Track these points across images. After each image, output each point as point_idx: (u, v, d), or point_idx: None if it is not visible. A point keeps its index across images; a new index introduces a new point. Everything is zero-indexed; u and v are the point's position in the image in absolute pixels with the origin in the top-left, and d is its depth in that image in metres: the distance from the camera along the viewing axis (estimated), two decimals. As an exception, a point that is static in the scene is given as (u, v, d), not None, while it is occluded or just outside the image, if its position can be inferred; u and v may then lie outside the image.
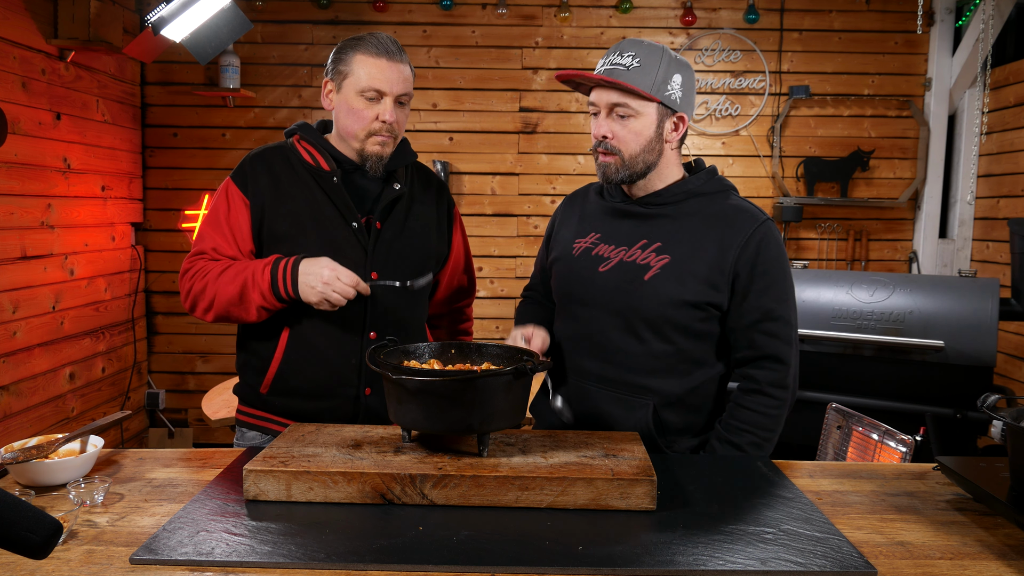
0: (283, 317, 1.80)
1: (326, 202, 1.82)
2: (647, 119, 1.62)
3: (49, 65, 3.51)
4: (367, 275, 1.81)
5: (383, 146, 1.81)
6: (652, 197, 1.69)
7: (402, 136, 1.88)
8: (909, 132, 4.50)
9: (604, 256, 1.69)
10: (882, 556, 1.15)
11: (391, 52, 1.79)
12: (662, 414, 1.65)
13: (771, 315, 1.62)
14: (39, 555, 0.83)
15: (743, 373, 1.67)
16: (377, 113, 1.78)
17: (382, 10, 4.39)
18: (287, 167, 1.85)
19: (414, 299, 1.91)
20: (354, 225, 1.81)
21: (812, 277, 3.37)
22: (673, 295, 1.61)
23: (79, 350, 3.80)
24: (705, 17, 4.46)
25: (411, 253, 1.89)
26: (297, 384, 1.82)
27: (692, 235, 1.64)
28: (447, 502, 1.28)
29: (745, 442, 1.63)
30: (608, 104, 1.62)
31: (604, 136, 1.64)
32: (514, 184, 4.55)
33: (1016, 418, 1.29)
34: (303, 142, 1.87)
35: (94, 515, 1.26)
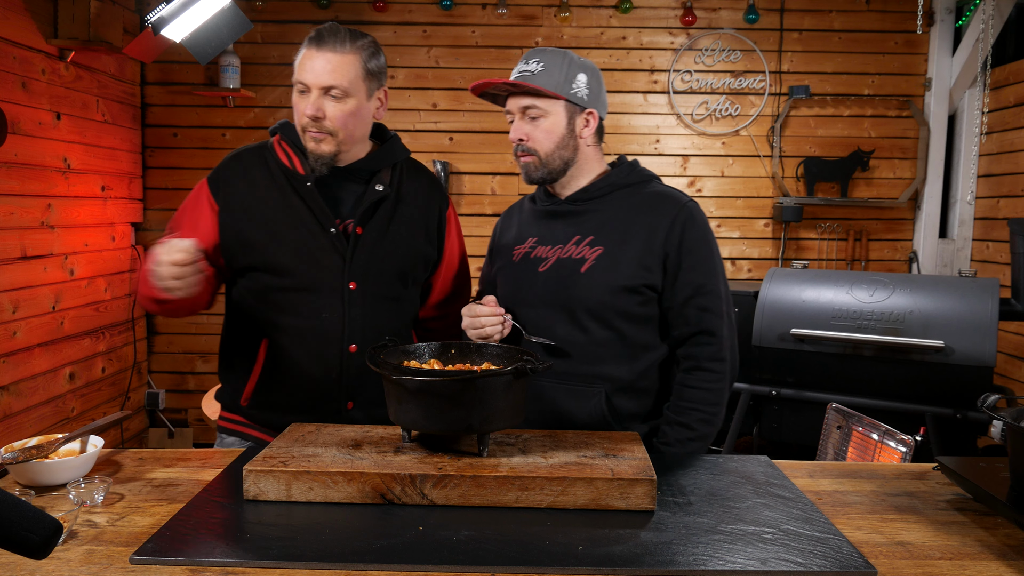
0: (262, 327, 1.75)
1: (302, 207, 1.73)
2: (556, 117, 1.72)
3: (49, 65, 3.51)
4: (345, 284, 1.73)
5: (317, 143, 1.71)
6: (579, 194, 1.78)
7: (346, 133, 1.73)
8: (909, 132, 4.50)
9: (542, 257, 1.77)
10: (882, 556, 1.15)
11: (321, 41, 1.68)
12: (614, 400, 1.72)
13: (702, 290, 1.70)
14: (39, 555, 0.83)
15: (683, 352, 1.74)
16: (304, 107, 1.69)
17: (382, 10, 4.39)
18: (264, 170, 1.78)
19: (396, 308, 1.84)
20: (332, 231, 1.73)
21: (812, 277, 3.36)
22: (609, 282, 1.69)
23: (79, 350, 3.80)
24: (705, 17, 4.46)
25: (394, 260, 1.80)
26: (277, 399, 1.76)
27: (621, 224, 1.73)
28: (447, 502, 1.28)
29: (694, 420, 1.68)
30: (520, 108, 1.73)
31: (520, 139, 1.74)
32: (514, 184, 4.55)
33: (1016, 418, 1.29)
34: (283, 143, 1.79)
35: (94, 515, 1.26)
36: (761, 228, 4.57)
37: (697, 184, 4.54)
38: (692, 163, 4.54)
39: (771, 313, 3.31)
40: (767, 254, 4.59)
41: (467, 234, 4.92)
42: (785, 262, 4.54)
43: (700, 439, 1.68)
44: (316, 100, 1.68)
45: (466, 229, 4.90)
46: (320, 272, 1.71)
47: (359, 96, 1.72)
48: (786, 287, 3.34)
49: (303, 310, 1.74)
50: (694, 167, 4.54)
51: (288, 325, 1.74)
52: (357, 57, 1.70)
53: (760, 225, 4.57)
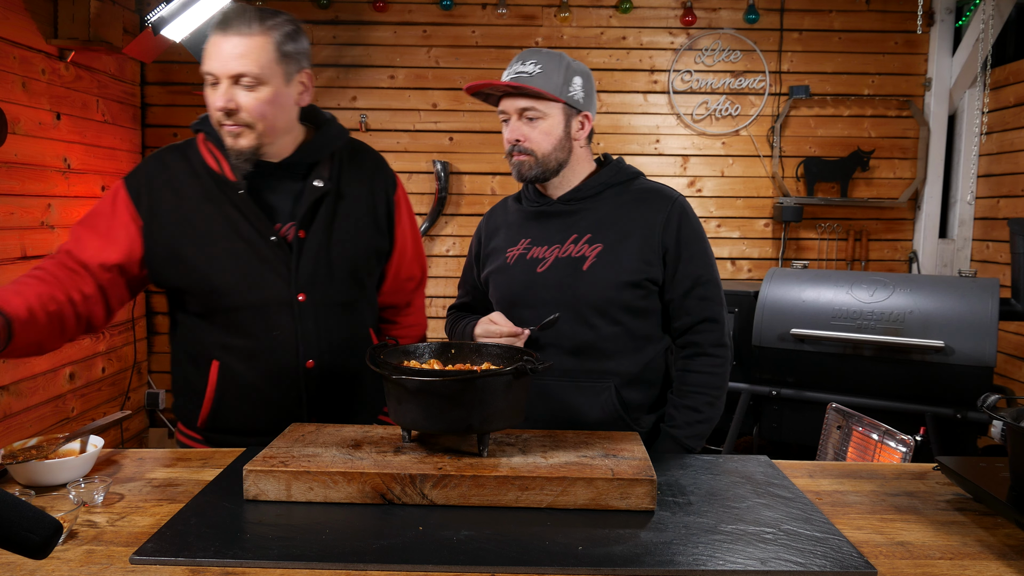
0: (209, 349, 1.64)
1: (237, 216, 1.58)
2: (554, 120, 1.73)
3: (49, 65, 3.51)
4: (293, 297, 1.61)
5: (235, 138, 1.55)
6: (572, 193, 1.79)
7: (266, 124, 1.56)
8: (909, 132, 4.50)
9: (540, 257, 1.77)
10: (882, 556, 1.15)
11: (227, 25, 1.51)
12: (623, 393, 1.75)
13: (700, 280, 1.76)
14: (39, 555, 0.83)
15: (684, 341, 1.79)
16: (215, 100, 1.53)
17: (382, 10, 4.39)
18: (190, 176, 1.61)
19: (352, 313, 1.73)
20: (272, 239, 1.59)
21: (812, 277, 3.36)
22: (613, 278, 1.71)
23: (79, 350, 3.80)
24: (705, 17, 4.46)
25: (343, 262, 1.67)
26: (234, 422, 1.67)
27: (616, 221, 1.75)
28: (447, 502, 1.28)
29: (701, 403, 1.74)
30: (517, 109, 1.72)
31: (517, 140, 1.73)
32: (514, 184, 4.55)
33: (1016, 418, 1.29)
34: (208, 143, 1.62)
35: (94, 515, 1.26)
36: (761, 228, 4.57)
37: (697, 184, 4.54)
38: (692, 163, 4.54)
39: (771, 313, 3.31)
40: (767, 254, 4.59)
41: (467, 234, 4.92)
42: (785, 262, 4.54)
43: (707, 421, 1.75)
44: (227, 90, 1.51)
45: (466, 229, 4.92)
46: (265, 287, 1.59)
47: (275, 82, 1.55)
48: (786, 287, 3.34)
49: (252, 329, 1.62)
50: (694, 167, 4.54)
51: (237, 346, 1.62)
52: (268, 39, 1.53)
53: (760, 225, 4.57)
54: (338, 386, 1.73)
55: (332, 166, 1.69)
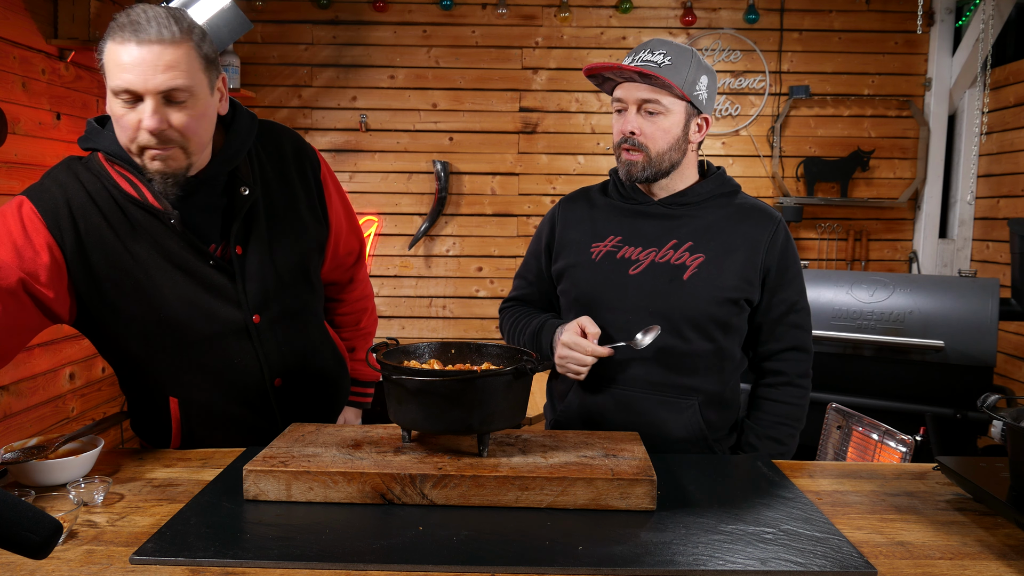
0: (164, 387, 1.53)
1: (172, 245, 1.43)
2: (676, 117, 1.63)
3: (49, 65, 3.51)
4: (248, 319, 1.50)
5: (164, 161, 1.35)
6: (676, 197, 1.70)
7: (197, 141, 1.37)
8: (909, 132, 4.50)
9: (632, 259, 1.67)
10: (882, 556, 1.15)
11: (140, 30, 1.27)
12: (705, 413, 1.67)
13: (796, 307, 1.70)
14: (39, 555, 0.83)
15: (770, 367, 1.72)
16: (139, 119, 1.30)
17: (382, 10, 4.39)
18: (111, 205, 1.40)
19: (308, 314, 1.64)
20: (211, 263, 1.46)
21: (812, 277, 3.36)
22: (715, 292, 1.63)
23: (79, 350, 3.80)
24: (705, 17, 4.46)
25: (290, 265, 1.56)
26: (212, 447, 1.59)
27: (720, 233, 1.67)
28: (447, 502, 1.28)
29: (784, 435, 1.69)
30: (638, 100, 1.61)
31: (632, 132, 1.62)
32: (514, 184, 4.55)
33: (1016, 418, 1.29)
34: (115, 165, 1.40)
35: (94, 515, 1.26)
36: (761, 228, 4.57)
37: (697, 184, 4.54)
38: (692, 163, 4.54)
39: (771, 313, 3.31)
40: (767, 254, 4.58)
41: (467, 234, 4.90)
42: (785, 262, 4.54)
43: (788, 454, 1.71)
44: (157, 109, 1.30)
45: (466, 229, 4.91)
46: (217, 315, 1.47)
47: (203, 93, 1.35)
48: (786, 287, 3.34)
49: (210, 361, 1.51)
50: (694, 167, 4.54)
51: (196, 381, 1.52)
52: (191, 44, 1.32)
53: (760, 225, 4.57)
54: (311, 390, 1.70)
55: (252, 165, 1.52)
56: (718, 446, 1.70)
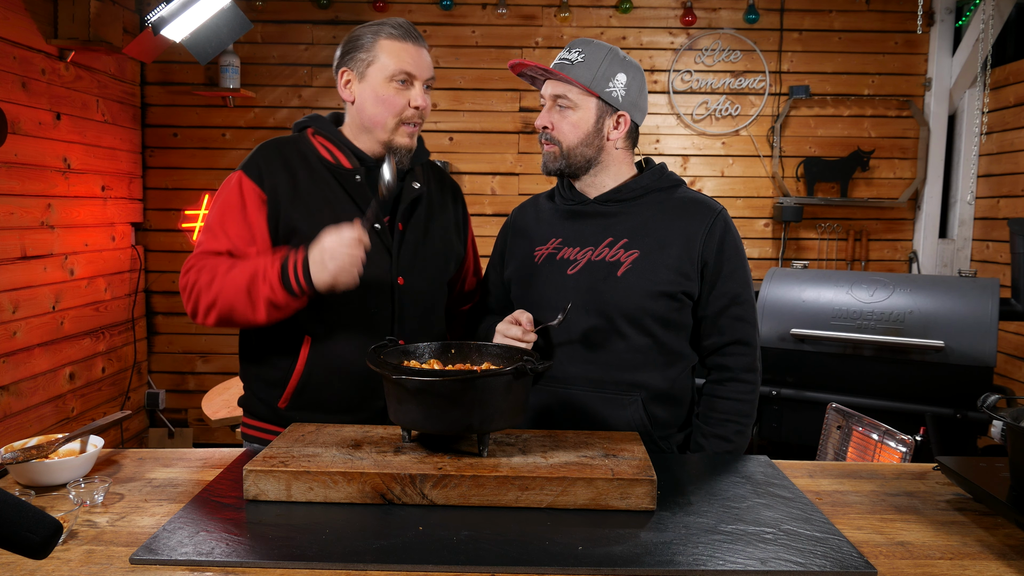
0: (303, 324, 1.68)
1: (347, 201, 1.70)
2: (585, 113, 1.68)
3: (49, 65, 3.51)
4: (393, 279, 1.71)
5: (412, 137, 1.73)
6: (610, 195, 1.73)
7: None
8: (909, 132, 4.50)
9: (570, 259, 1.71)
10: (882, 556, 1.15)
11: (416, 36, 1.73)
12: (650, 409, 1.68)
13: (737, 299, 1.69)
14: (39, 555, 0.83)
15: (713, 363, 1.72)
16: (409, 99, 1.69)
17: (382, 10, 4.39)
18: (304, 163, 1.72)
19: (436, 306, 1.83)
20: (377, 227, 1.70)
21: (812, 277, 3.37)
22: (648, 287, 1.64)
23: (79, 350, 3.80)
24: (705, 17, 4.46)
25: (435, 256, 1.80)
26: (323, 398, 1.69)
27: (655, 229, 1.68)
28: (447, 502, 1.28)
29: (731, 432, 1.68)
30: (551, 95, 1.69)
31: (544, 126, 1.70)
32: (514, 184, 4.55)
33: (1016, 418, 1.29)
34: (319, 136, 1.76)
35: (94, 515, 1.26)
36: (761, 228, 4.57)
37: (697, 184, 4.54)
38: (692, 163, 4.54)
39: (771, 313, 3.31)
40: (767, 254, 4.59)
41: (467, 234, 4.85)
42: (785, 262, 4.54)
43: (737, 451, 1.68)
44: (423, 92, 1.71)
45: (466, 229, 4.86)
46: (369, 266, 1.62)
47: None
48: (786, 287, 3.34)
49: (352, 305, 1.68)
50: (694, 167, 4.54)
51: (336, 321, 1.68)
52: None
53: (760, 225, 4.57)
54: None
55: (424, 175, 1.82)
56: (665, 443, 1.70)
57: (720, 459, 1.60)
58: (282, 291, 1.54)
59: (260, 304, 1.56)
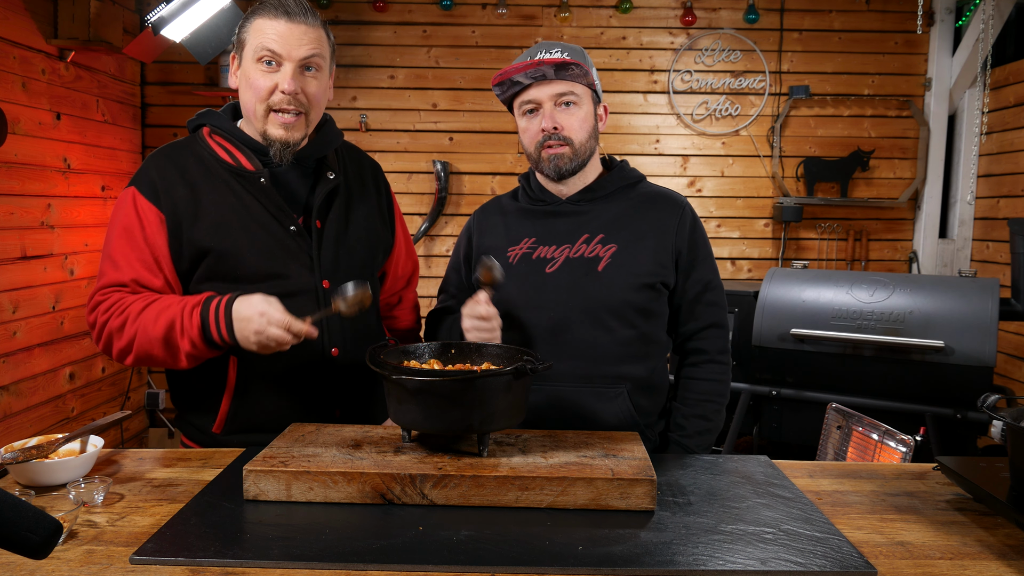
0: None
1: (255, 206, 1.58)
2: (587, 107, 1.70)
3: (49, 65, 3.51)
4: (318, 283, 1.62)
5: (288, 129, 1.55)
6: (583, 194, 1.75)
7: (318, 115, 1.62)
8: (909, 132, 4.50)
9: (547, 257, 1.72)
10: (882, 556, 1.15)
11: (291, 12, 1.53)
12: (635, 399, 1.70)
13: (710, 286, 1.75)
14: (39, 555, 0.83)
15: (690, 347, 1.77)
16: (276, 82, 1.52)
17: (382, 10, 4.39)
18: (202, 170, 1.59)
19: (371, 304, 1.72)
20: (292, 229, 1.59)
21: (812, 277, 3.36)
22: (630, 280, 1.67)
23: (79, 350, 3.80)
24: (705, 17, 4.46)
25: (360, 250, 1.70)
26: (256, 420, 1.61)
27: (628, 223, 1.72)
28: (447, 502, 1.28)
29: (710, 411, 1.73)
30: (552, 95, 1.67)
31: (555, 128, 1.67)
32: (514, 184, 4.54)
33: (1016, 418, 1.29)
34: (215, 136, 1.62)
35: (94, 515, 1.26)
36: (761, 228, 4.57)
37: (697, 184, 4.54)
38: (692, 163, 4.54)
39: (771, 313, 3.31)
40: (767, 254, 4.59)
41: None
42: (785, 262, 4.54)
43: (715, 430, 1.74)
44: (295, 74, 1.52)
45: (466, 229, 4.85)
46: (290, 275, 1.58)
47: (326, 72, 1.61)
48: (786, 287, 3.34)
49: None
50: (694, 167, 4.54)
51: None
52: (323, 31, 1.60)
53: (760, 225, 4.57)
54: (361, 375, 1.71)
55: (339, 162, 1.72)
56: (650, 431, 1.73)
57: (720, 459, 1.60)
58: (204, 346, 1.47)
59: (180, 356, 1.49)
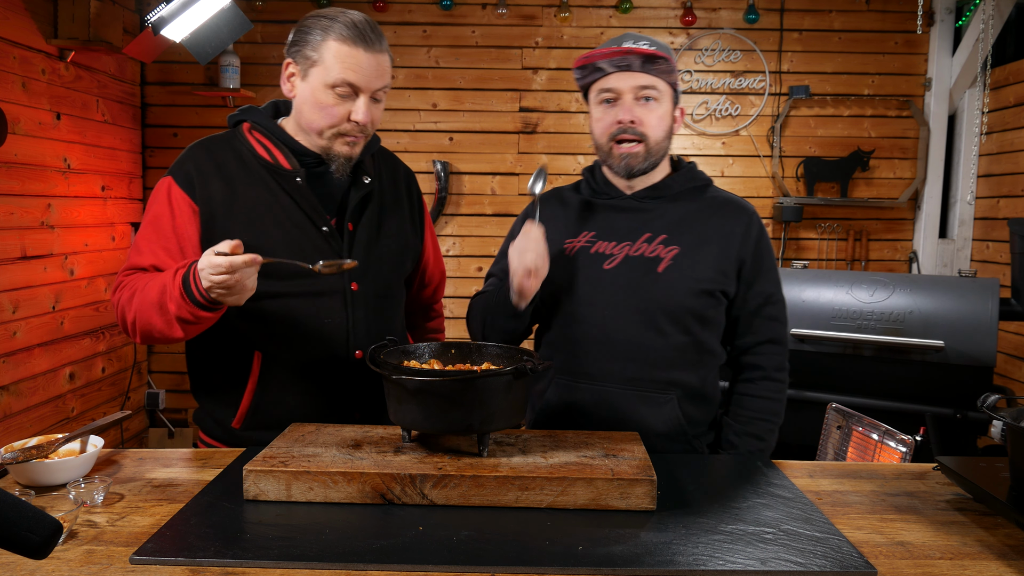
0: (252, 339, 1.60)
1: (290, 205, 1.59)
2: (667, 105, 1.65)
3: (49, 65, 3.51)
4: (346, 285, 1.63)
5: (352, 147, 1.59)
6: (648, 191, 1.69)
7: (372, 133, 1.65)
8: (909, 132, 4.50)
9: (607, 253, 1.66)
10: (882, 556, 1.15)
11: (369, 40, 1.53)
12: (684, 408, 1.65)
13: (771, 299, 1.68)
14: (39, 555, 0.83)
15: (745, 361, 1.71)
16: (349, 111, 1.55)
17: (382, 10, 4.39)
18: (239, 164, 1.60)
19: (394, 307, 1.75)
20: (324, 229, 1.61)
21: (812, 277, 3.37)
22: (690, 284, 1.62)
23: (79, 350, 3.80)
24: (705, 17, 4.46)
25: (390, 256, 1.71)
26: (279, 416, 1.59)
27: (694, 226, 1.66)
28: (447, 502, 1.28)
29: (763, 430, 1.66)
30: (634, 87, 1.60)
31: (631, 121, 1.60)
32: (514, 184, 4.55)
33: (1016, 418, 1.29)
34: (255, 132, 1.62)
35: (94, 515, 1.26)
36: (761, 228, 4.57)
37: (697, 184, 4.54)
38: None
39: (771, 313, 3.31)
40: (767, 254, 4.58)
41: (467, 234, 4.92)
42: (785, 262, 4.54)
43: (767, 450, 1.68)
44: (368, 105, 1.55)
45: (466, 229, 4.92)
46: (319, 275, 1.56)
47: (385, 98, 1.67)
48: (786, 287, 3.30)
49: (303, 317, 1.60)
50: (694, 167, 4.54)
51: (286, 334, 1.60)
52: (390, 55, 1.61)
53: (760, 225, 4.56)
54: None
55: (374, 166, 1.72)
56: (698, 442, 1.68)
57: (720, 459, 1.60)
58: (188, 305, 1.42)
59: (173, 321, 1.45)
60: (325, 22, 1.53)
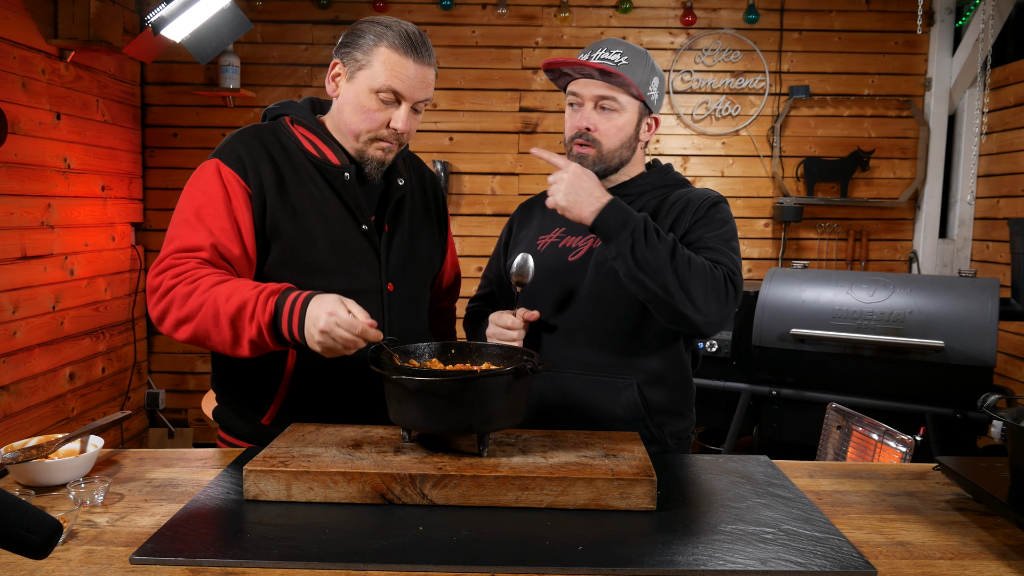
0: None
1: (334, 200, 1.60)
2: (629, 115, 1.67)
3: (49, 65, 3.51)
4: (383, 285, 1.63)
5: (386, 153, 1.61)
6: (617, 189, 1.73)
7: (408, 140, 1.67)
8: (909, 132, 4.50)
9: (572, 247, 1.72)
10: (882, 556, 1.15)
11: (419, 52, 1.56)
12: (646, 393, 1.68)
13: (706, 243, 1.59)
14: (39, 555, 0.83)
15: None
16: (389, 119, 1.56)
17: (382, 10, 4.39)
18: (285, 155, 1.59)
19: (422, 309, 1.78)
20: (364, 228, 1.62)
21: (812, 277, 3.36)
22: None
23: (79, 350, 3.80)
24: (705, 17, 4.46)
25: (423, 257, 1.75)
26: (310, 413, 1.60)
27: (656, 217, 1.69)
28: (447, 502, 1.28)
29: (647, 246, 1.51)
30: (594, 96, 1.66)
31: (587, 128, 1.66)
32: (514, 184, 4.55)
33: (1016, 418, 1.29)
34: (299, 127, 1.63)
35: (94, 515, 1.26)
36: (761, 228, 4.57)
37: (697, 184, 4.53)
38: (692, 163, 4.54)
39: (771, 313, 3.31)
40: (767, 254, 4.59)
41: (467, 234, 4.93)
42: (785, 262, 4.54)
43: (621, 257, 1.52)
44: (408, 115, 1.57)
45: (466, 229, 4.93)
46: (359, 272, 1.59)
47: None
48: (786, 287, 3.34)
49: None
50: (694, 167, 4.54)
51: None
52: (435, 68, 1.62)
53: (760, 225, 4.57)
54: None
55: (406, 169, 1.75)
56: (659, 430, 1.69)
57: (720, 459, 1.60)
58: (270, 337, 1.40)
59: (244, 341, 1.42)
60: (380, 28, 1.55)
